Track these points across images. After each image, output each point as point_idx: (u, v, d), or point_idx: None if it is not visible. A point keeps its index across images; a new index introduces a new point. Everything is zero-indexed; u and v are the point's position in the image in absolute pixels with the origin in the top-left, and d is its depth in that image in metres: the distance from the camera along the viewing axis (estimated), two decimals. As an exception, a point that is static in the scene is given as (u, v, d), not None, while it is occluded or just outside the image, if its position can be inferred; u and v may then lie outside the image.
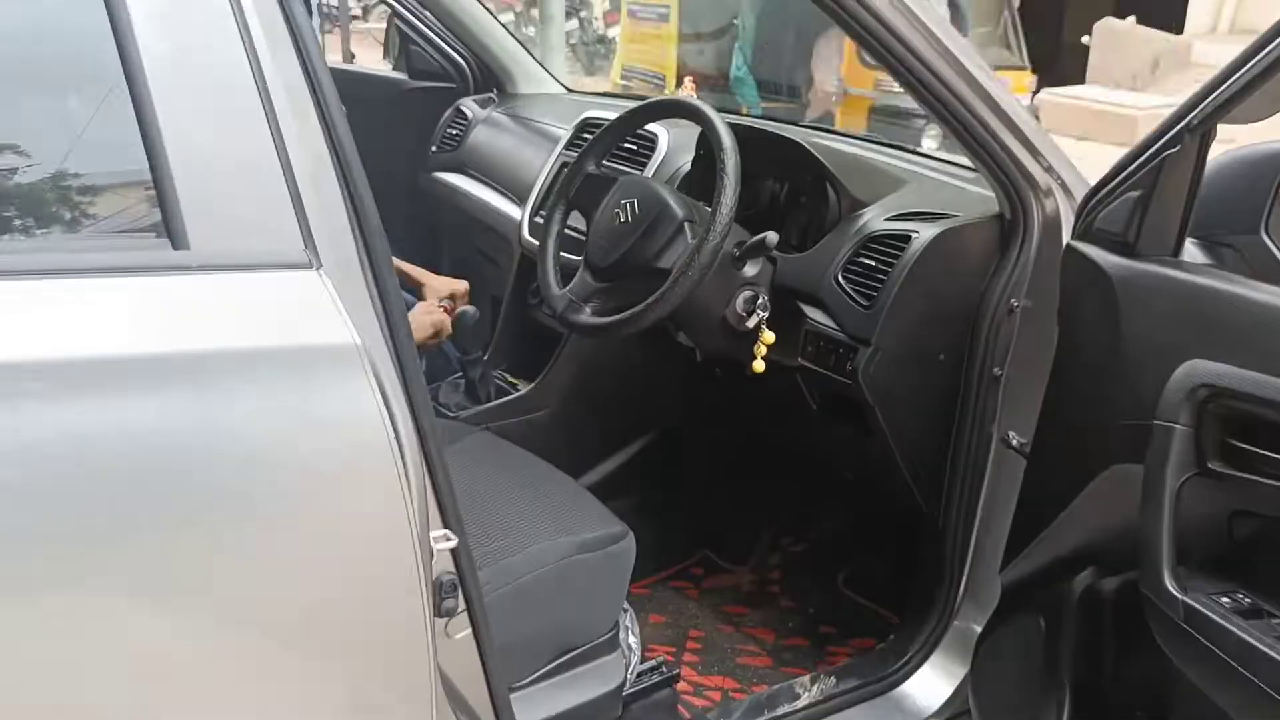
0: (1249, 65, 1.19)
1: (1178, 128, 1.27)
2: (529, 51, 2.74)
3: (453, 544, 1.10)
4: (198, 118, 0.90)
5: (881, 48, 1.45)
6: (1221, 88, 1.22)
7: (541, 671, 1.48)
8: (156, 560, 0.87)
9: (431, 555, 1.08)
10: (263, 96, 0.92)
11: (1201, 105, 1.24)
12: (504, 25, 2.69)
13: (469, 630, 1.19)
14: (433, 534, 1.08)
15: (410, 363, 1.03)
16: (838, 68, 6.10)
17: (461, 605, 1.16)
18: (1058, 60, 10.23)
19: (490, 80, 2.68)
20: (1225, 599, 1.15)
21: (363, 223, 1.00)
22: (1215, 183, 1.34)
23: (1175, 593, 1.17)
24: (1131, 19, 10.07)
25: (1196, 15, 11.31)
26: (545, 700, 1.48)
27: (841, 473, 2.08)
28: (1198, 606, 1.15)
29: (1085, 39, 10.04)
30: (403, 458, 0.99)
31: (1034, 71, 7.45)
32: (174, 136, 0.88)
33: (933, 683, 1.73)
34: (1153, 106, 8.24)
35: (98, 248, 0.91)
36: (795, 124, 2.15)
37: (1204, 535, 1.20)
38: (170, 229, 0.89)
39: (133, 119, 0.88)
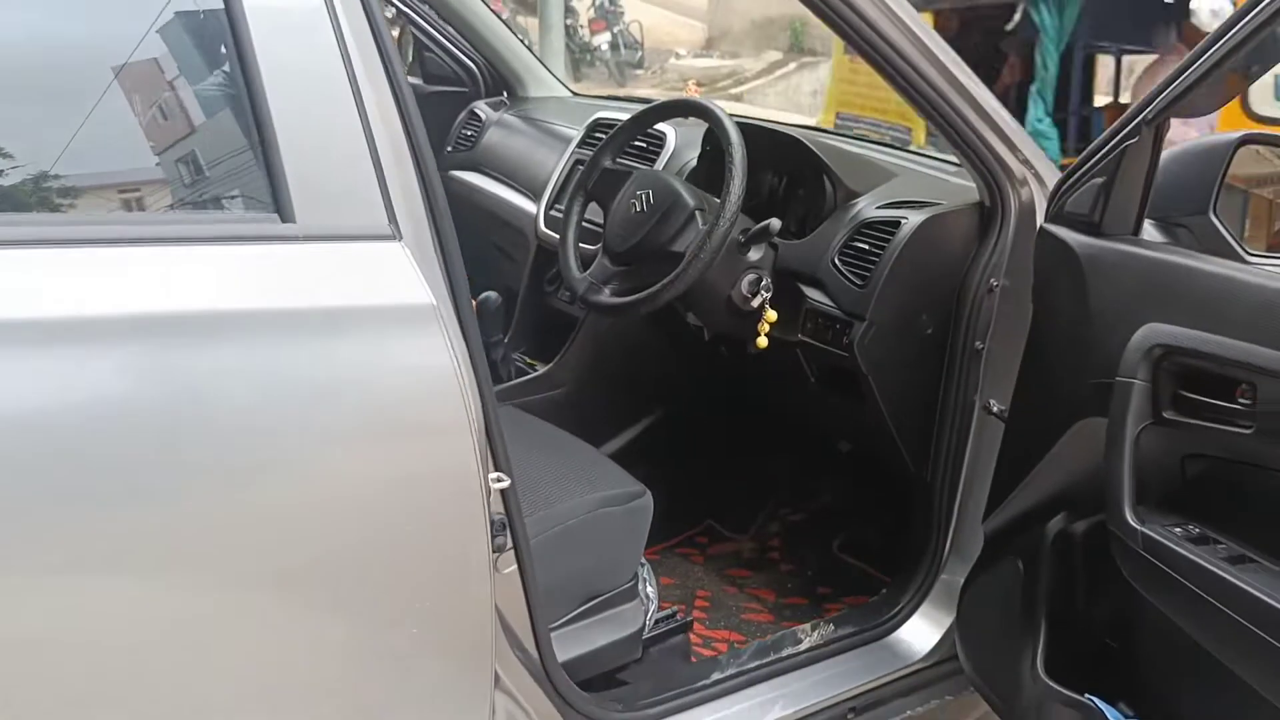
0: (1194, 67, 1.36)
1: (1136, 121, 1.44)
2: (537, 57, 2.90)
3: (505, 485, 1.26)
4: (303, 111, 1.06)
5: (870, 49, 1.60)
6: (1171, 86, 1.39)
7: (570, 615, 1.63)
8: (281, 480, 1.03)
9: (489, 494, 1.24)
10: (355, 94, 1.08)
11: (1155, 101, 1.42)
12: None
13: (514, 567, 1.35)
14: (489, 475, 1.24)
15: (470, 322, 1.18)
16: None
17: (509, 543, 1.32)
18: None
19: (501, 84, 2.84)
20: (1178, 529, 1.32)
21: (433, 201, 1.16)
22: (1170, 170, 1.52)
23: (1135, 525, 1.33)
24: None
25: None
26: (574, 641, 1.63)
27: (837, 444, 2.25)
28: (1155, 536, 1.31)
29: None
30: (468, 404, 1.15)
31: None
32: (283, 127, 1.04)
33: (922, 630, 1.89)
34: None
35: (219, 219, 1.07)
36: (791, 125, 2.32)
37: (1160, 476, 1.37)
38: (279, 205, 1.05)
39: (250, 113, 1.04)
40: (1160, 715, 1.43)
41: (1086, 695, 1.45)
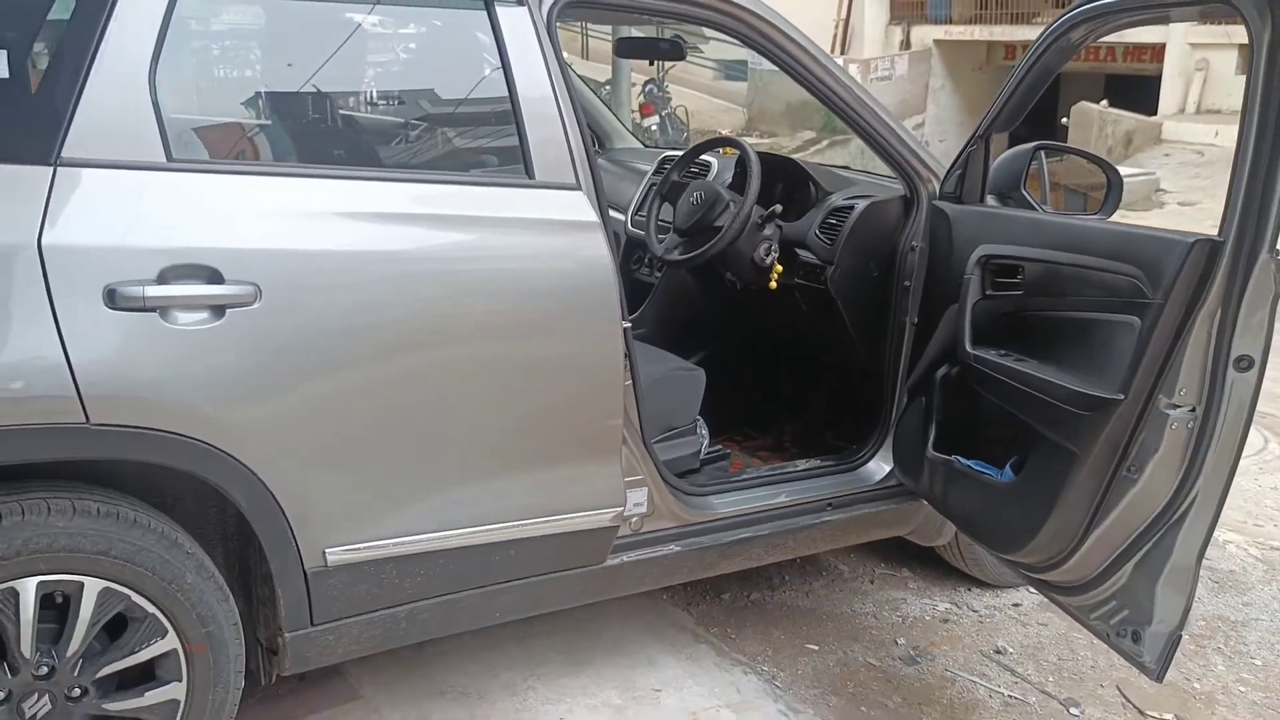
0: (996, 103, 2.50)
1: (975, 137, 2.59)
2: (621, 121, 4.10)
3: (628, 325, 2.38)
4: (537, 117, 2.21)
5: (834, 107, 2.73)
6: (990, 116, 2.54)
7: (657, 438, 2.74)
8: (531, 307, 2.18)
9: (624, 329, 2.37)
10: (559, 111, 2.23)
11: (983, 124, 2.56)
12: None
13: (630, 381, 2.46)
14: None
15: (610, 235, 2.32)
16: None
17: (628, 364, 2.43)
18: (1054, 139, 11.69)
19: (595, 139, 4.03)
20: (994, 351, 2.41)
21: (593, 168, 2.30)
22: (1000, 164, 2.65)
23: (970, 350, 2.43)
24: (1104, 102, 11.52)
25: (1167, 98, 12.76)
26: (660, 452, 2.73)
27: (824, 372, 3.36)
28: (980, 353, 2.41)
29: (1064, 120, 11.47)
30: (614, 275, 2.28)
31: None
32: (531, 129, 2.19)
33: (877, 468, 2.96)
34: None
35: (501, 174, 2.24)
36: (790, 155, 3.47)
37: (987, 327, 2.46)
38: (527, 169, 2.20)
39: (515, 124, 2.20)
40: (985, 456, 2.49)
41: (953, 456, 2.53)
